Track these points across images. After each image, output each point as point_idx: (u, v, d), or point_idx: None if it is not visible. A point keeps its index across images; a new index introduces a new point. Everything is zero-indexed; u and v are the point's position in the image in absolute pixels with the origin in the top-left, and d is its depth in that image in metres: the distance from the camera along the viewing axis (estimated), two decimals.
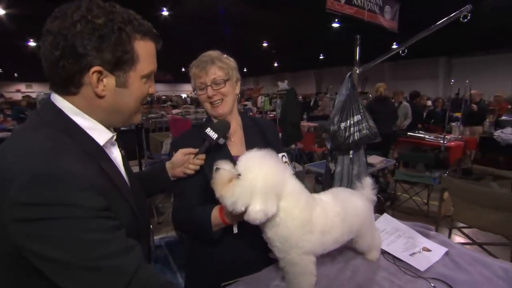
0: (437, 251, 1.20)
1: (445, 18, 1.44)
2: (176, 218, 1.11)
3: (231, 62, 1.12)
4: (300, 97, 12.80)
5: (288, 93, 4.91)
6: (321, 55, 19.73)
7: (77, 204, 0.54)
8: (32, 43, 12.60)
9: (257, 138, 1.17)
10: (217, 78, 1.07)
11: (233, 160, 0.95)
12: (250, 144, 1.11)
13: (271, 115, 9.00)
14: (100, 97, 0.65)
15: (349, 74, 1.82)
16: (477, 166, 5.88)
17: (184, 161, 1.04)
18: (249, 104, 12.20)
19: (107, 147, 0.73)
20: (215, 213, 0.98)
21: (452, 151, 4.62)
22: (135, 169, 2.12)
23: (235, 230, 1.03)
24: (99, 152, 0.68)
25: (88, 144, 0.66)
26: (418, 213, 3.85)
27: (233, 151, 1.11)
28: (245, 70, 20.36)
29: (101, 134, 0.69)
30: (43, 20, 0.63)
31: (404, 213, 3.87)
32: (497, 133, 5.72)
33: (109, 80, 0.65)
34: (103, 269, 0.56)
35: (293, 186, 0.87)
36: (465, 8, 1.32)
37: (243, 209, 0.79)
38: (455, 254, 1.21)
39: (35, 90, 20.86)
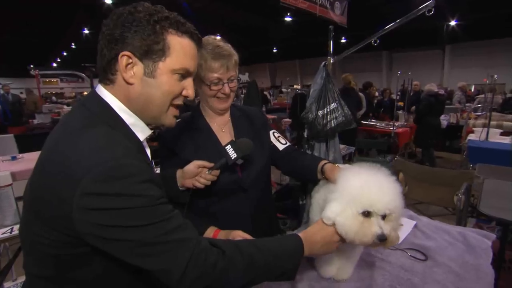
0: (408, 225, 1.35)
1: (413, 11, 1.56)
2: None
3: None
4: None
5: (249, 86, 4.90)
6: (274, 48, 20.06)
7: (142, 195, 0.60)
8: None
9: (245, 128, 1.17)
10: (233, 75, 1.05)
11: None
12: (239, 135, 1.11)
13: None
14: (129, 83, 0.69)
15: (323, 63, 1.87)
16: (418, 149, 6.58)
17: (195, 173, 0.98)
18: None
19: (143, 144, 0.77)
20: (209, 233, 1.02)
21: (400, 137, 5.12)
22: None
23: None
24: (140, 148, 0.74)
25: (133, 140, 0.71)
26: None
27: (223, 142, 1.09)
28: None
29: (141, 131, 0.74)
30: None
31: None
32: None
33: (138, 69, 0.68)
34: (170, 243, 0.62)
35: None
36: (430, 3, 1.45)
37: None
38: (422, 225, 1.37)
39: None
